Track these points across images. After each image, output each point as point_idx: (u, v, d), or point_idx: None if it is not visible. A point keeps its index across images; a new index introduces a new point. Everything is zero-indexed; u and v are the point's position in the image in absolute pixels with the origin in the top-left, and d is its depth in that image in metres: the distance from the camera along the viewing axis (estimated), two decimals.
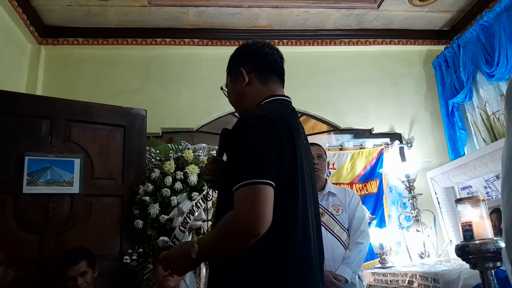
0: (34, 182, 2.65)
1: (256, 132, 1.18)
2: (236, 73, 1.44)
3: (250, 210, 1.09)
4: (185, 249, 1.23)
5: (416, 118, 3.99)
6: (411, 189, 3.40)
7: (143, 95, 3.76)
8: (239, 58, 1.47)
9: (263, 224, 1.09)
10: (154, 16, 3.76)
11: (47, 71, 3.80)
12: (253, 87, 1.42)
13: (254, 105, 1.38)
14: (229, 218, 1.13)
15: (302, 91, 3.93)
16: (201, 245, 1.18)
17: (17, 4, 3.31)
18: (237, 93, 1.45)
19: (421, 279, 2.43)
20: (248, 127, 1.20)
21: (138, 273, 2.69)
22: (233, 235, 1.12)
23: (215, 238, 1.17)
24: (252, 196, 1.10)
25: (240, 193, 1.12)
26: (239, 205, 1.11)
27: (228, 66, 1.52)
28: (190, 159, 2.95)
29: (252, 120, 1.21)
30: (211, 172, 1.42)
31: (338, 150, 3.75)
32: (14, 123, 2.72)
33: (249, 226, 1.09)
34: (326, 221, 2.48)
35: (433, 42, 4.22)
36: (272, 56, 1.46)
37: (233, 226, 1.12)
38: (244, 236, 1.11)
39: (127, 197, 2.92)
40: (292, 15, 3.87)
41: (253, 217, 1.09)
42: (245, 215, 1.09)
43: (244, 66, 1.43)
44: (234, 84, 1.46)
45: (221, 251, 1.17)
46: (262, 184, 1.12)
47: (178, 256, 1.26)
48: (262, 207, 1.09)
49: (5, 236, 2.52)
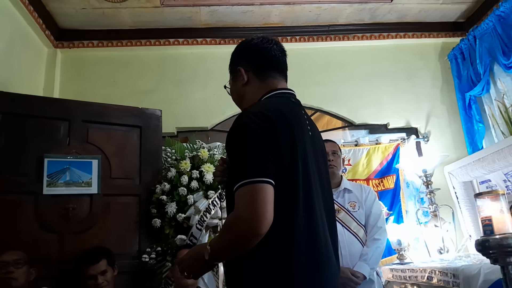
0: (53, 183, 2.71)
1: (251, 131, 1.16)
2: (236, 72, 1.43)
3: (249, 210, 1.08)
4: (199, 251, 1.23)
5: (433, 112, 3.93)
6: (428, 184, 3.36)
7: (157, 95, 3.79)
8: (238, 57, 1.46)
9: (263, 224, 1.07)
10: (166, 16, 3.79)
11: (64, 73, 3.86)
12: (252, 85, 1.40)
13: (253, 103, 1.36)
14: (230, 219, 1.14)
15: (316, 87, 3.91)
16: (212, 246, 1.18)
17: (33, 9, 3.37)
18: (237, 92, 1.44)
19: (441, 275, 2.40)
20: (243, 126, 1.19)
21: (156, 271, 2.72)
22: (235, 236, 1.11)
23: (221, 240, 1.17)
24: (251, 196, 1.09)
25: (239, 194, 1.11)
26: (238, 205, 1.10)
27: (229, 65, 1.50)
28: (205, 158, 2.97)
29: (247, 118, 1.19)
30: (221, 173, 1.41)
31: (353, 146, 3.73)
32: (33, 125, 2.78)
33: (249, 227, 1.07)
34: (342, 218, 2.47)
35: (449, 35, 4.16)
36: (271, 52, 1.42)
37: (234, 227, 1.11)
38: (245, 236, 1.09)
39: (144, 196, 2.96)
40: (304, 11, 3.85)
41: (253, 217, 1.07)
42: (244, 216, 1.08)
43: (243, 65, 1.41)
44: (235, 83, 1.45)
45: (228, 252, 1.17)
46: (260, 183, 1.09)
47: (192, 259, 1.27)
48: (261, 206, 1.07)
49: (26, 236, 2.58)
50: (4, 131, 2.68)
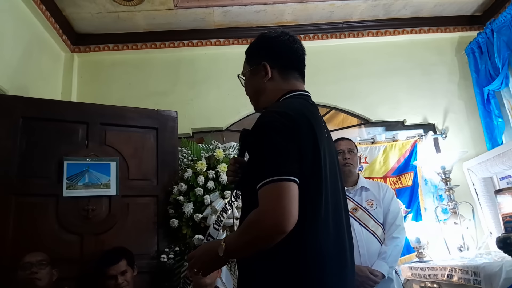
0: (73, 186, 2.76)
1: (277, 130, 1.17)
2: (257, 65, 1.39)
3: (275, 207, 1.08)
4: (211, 247, 1.23)
5: (450, 108, 3.87)
6: (447, 180, 3.31)
7: (173, 96, 3.83)
8: (262, 50, 1.42)
9: (290, 221, 1.07)
10: (180, 18, 3.81)
11: (81, 77, 3.93)
12: (274, 82, 1.38)
13: (273, 101, 1.36)
14: (254, 216, 1.12)
15: (330, 85, 3.89)
16: (227, 243, 1.18)
17: (49, 15, 3.43)
18: (256, 86, 1.41)
19: (461, 273, 2.37)
20: (268, 124, 1.19)
21: (175, 271, 2.75)
22: (259, 233, 1.11)
23: (241, 236, 1.17)
24: (277, 193, 1.09)
25: (265, 191, 1.11)
26: (264, 202, 1.10)
27: (248, 55, 1.47)
28: (221, 158, 2.99)
29: (272, 118, 1.20)
30: (233, 172, 1.42)
31: (370, 144, 3.69)
32: (53, 129, 2.84)
33: (276, 223, 1.07)
34: (360, 216, 2.45)
35: (465, 28, 4.08)
36: (298, 52, 1.43)
37: (259, 224, 1.11)
38: (270, 233, 1.09)
39: (162, 197, 2.99)
40: (317, 9, 3.83)
41: (279, 214, 1.07)
42: (271, 212, 1.08)
43: (268, 61, 1.39)
44: (254, 76, 1.42)
45: (247, 249, 1.17)
46: (286, 181, 1.10)
47: (204, 255, 1.26)
48: (288, 203, 1.08)
49: (48, 238, 2.64)
50: (25, 135, 2.74)
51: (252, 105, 1.49)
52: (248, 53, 1.47)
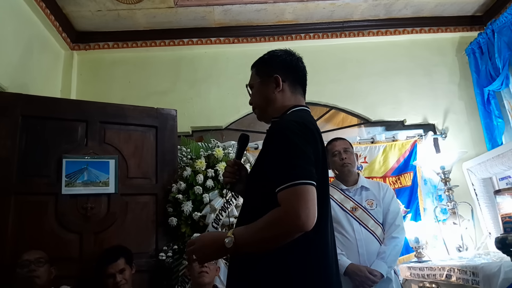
0: (72, 183, 2.76)
1: (298, 136, 1.25)
2: (269, 77, 1.48)
3: (300, 208, 1.15)
4: (217, 238, 1.27)
5: (451, 108, 3.87)
6: (446, 181, 3.31)
7: (173, 95, 3.83)
8: (274, 64, 1.51)
9: (313, 221, 1.16)
10: (180, 17, 3.81)
11: (80, 75, 3.93)
12: (283, 95, 1.48)
13: (280, 112, 1.46)
14: (278, 216, 1.17)
15: (331, 84, 3.89)
16: (238, 236, 1.22)
17: (49, 12, 3.43)
18: (266, 96, 1.49)
19: (460, 273, 2.37)
20: (290, 130, 1.27)
21: (173, 270, 2.75)
22: (282, 231, 1.17)
23: (260, 233, 1.20)
24: (302, 195, 1.17)
25: (288, 193, 1.17)
26: (289, 203, 1.16)
27: (258, 67, 1.55)
28: (220, 157, 2.99)
29: (292, 125, 1.29)
30: (231, 174, 1.49)
31: (369, 143, 3.69)
32: (52, 127, 2.83)
33: (300, 224, 1.14)
34: (360, 215, 2.45)
35: (466, 29, 4.08)
36: (303, 71, 1.56)
37: (283, 223, 1.16)
38: (293, 233, 1.17)
39: (161, 196, 2.99)
40: (318, 8, 3.83)
41: (305, 215, 1.14)
42: (297, 213, 1.14)
43: (279, 74, 1.48)
44: (264, 86, 1.50)
45: (264, 245, 1.21)
46: (308, 185, 1.18)
47: (207, 245, 1.30)
48: (311, 205, 1.17)
49: (48, 236, 2.64)
50: (24, 133, 2.74)
51: (256, 113, 1.56)
52: (258, 65, 1.56)
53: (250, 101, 1.56)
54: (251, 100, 1.56)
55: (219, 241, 1.24)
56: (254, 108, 1.56)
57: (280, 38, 4.03)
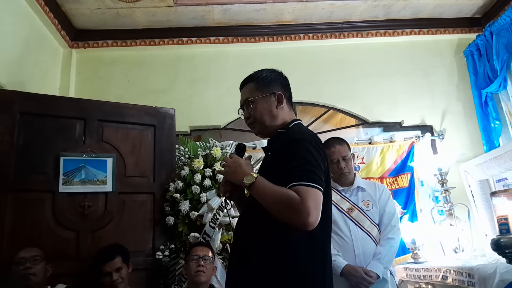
0: (69, 182, 2.75)
1: (314, 146, 1.40)
2: (270, 94, 1.59)
3: (313, 208, 1.28)
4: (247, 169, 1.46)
5: (448, 109, 3.88)
6: (443, 182, 3.32)
7: (171, 94, 3.83)
8: (273, 81, 1.62)
9: (316, 223, 1.29)
10: (180, 15, 3.81)
11: (79, 73, 3.92)
12: (284, 110, 1.61)
13: (280, 126, 1.58)
14: (295, 199, 1.28)
15: (329, 85, 3.90)
16: (259, 183, 1.38)
17: (48, 10, 3.42)
18: (268, 111, 1.59)
19: (456, 274, 2.38)
20: (309, 142, 1.41)
21: (170, 269, 2.75)
22: (289, 213, 1.29)
23: (274, 196, 1.33)
24: (317, 198, 1.31)
25: (308, 190, 1.30)
26: (307, 199, 1.28)
27: (258, 83, 1.62)
28: (218, 156, 2.99)
29: (308, 136, 1.45)
30: (230, 183, 1.56)
31: (367, 144, 3.70)
32: (50, 124, 2.83)
33: (308, 220, 1.27)
34: (356, 216, 2.45)
35: (464, 31, 4.09)
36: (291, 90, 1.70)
37: (295, 209, 1.28)
38: (297, 221, 1.28)
39: (159, 194, 2.99)
40: (317, 9, 3.83)
41: (313, 215, 1.28)
42: (309, 210, 1.27)
43: (280, 91, 1.61)
44: (265, 102, 1.59)
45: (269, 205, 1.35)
46: (320, 191, 1.32)
47: (240, 165, 1.47)
48: (319, 210, 1.31)
49: (45, 234, 2.63)
50: (22, 130, 2.74)
51: (254, 127, 1.63)
52: (259, 81, 1.63)
53: (247, 115, 1.62)
54: (250, 114, 1.60)
55: (245, 171, 1.43)
56: (253, 123, 1.62)
57: (279, 38, 4.03)
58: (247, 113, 1.62)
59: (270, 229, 1.37)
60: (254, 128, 1.64)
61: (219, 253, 2.74)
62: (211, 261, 2.47)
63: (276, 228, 1.35)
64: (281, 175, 1.36)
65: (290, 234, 1.35)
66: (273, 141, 1.60)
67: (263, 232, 1.39)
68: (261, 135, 1.64)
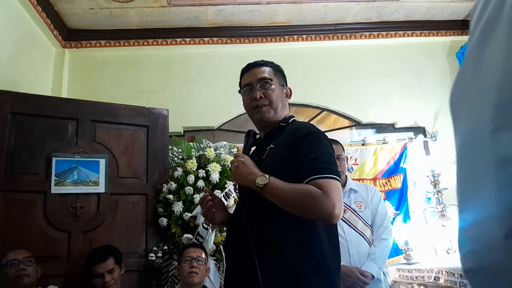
0: (61, 182, 2.73)
1: (327, 140, 1.42)
2: (284, 86, 1.62)
3: (337, 200, 1.26)
4: (255, 170, 1.38)
5: (441, 111, 3.90)
6: (436, 183, 3.34)
7: (164, 94, 3.81)
8: (285, 77, 1.66)
9: (339, 216, 1.28)
10: (173, 16, 3.80)
11: (71, 73, 3.89)
12: (286, 105, 1.62)
13: (283, 118, 1.56)
14: (317, 193, 1.25)
15: (323, 86, 3.91)
16: (272, 184, 1.31)
17: (41, 9, 3.40)
18: (282, 99, 1.58)
19: (448, 275, 2.39)
20: (324, 135, 1.43)
21: (163, 270, 2.74)
22: (312, 207, 1.26)
23: (291, 193, 1.29)
24: (339, 191, 1.30)
25: (330, 183, 1.28)
26: (330, 191, 1.26)
27: (277, 72, 1.62)
28: (211, 157, 2.98)
29: (319, 131, 1.44)
30: (209, 209, 1.54)
31: (360, 145, 3.71)
32: (42, 125, 2.81)
33: (333, 212, 1.25)
34: (348, 217, 2.46)
35: (457, 33, 4.13)
36: None
37: (318, 202, 1.25)
38: (322, 215, 1.27)
39: (151, 195, 2.97)
40: (311, 10, 3.84)
41: (338, 207, 1.26)
42: (334, 202, 1.25)
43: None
44: (281, 90, 1.59)
45: (286, 204, 1.30)
46: (340, 181, 1.32)
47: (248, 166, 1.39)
48: (342, 202, 1.30)
49: (36, 234, 2.61)
50: (14, 130, 2.71)
51: (263, 111, 1.52)
52: (277, 68, 1.64)
53: (261, 95, 1.51)
54: (265, 94, 1.52)
55: (256, 173, 1.36)
56: (265, 105, 1.51)
57: (273, 39, 4.03)
58: (260, 93, 1.51)
59: (280, 226, 1.32)
60: (261, 112, 1.52)
61: (212, 255, 2.73)
62: (204, 262, 2.46)
63: (286, 225, 1.31)
64: (296, 169, 1.33)
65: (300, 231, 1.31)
66: (274, 134, 1.52)
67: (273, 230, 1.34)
68: (265, 122, 1.54)
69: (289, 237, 1.31)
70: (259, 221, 1.36)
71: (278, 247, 1.30)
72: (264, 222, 1.35)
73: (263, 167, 1.41)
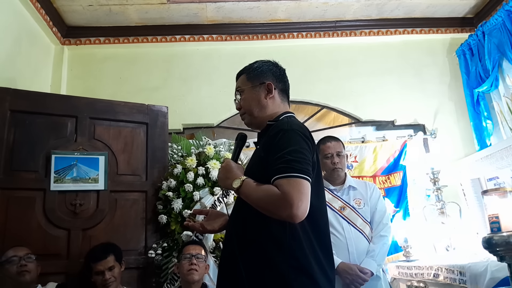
0: (61, 180, 2.73)
1: (302, 137, 1.36)
2: (261, 84, 1.56)
3: (295, 198, 1.22)
4: (235, 173, 1.42)
5: (440, 109, 3.90)
6: (435, 181, 3.34)
7: (164, 92, 3.81)
8: (265, 72, 1.60)
9: (303, 213, 1.24)
10: (173, 13, 3.79)
11: (71, 70, 3.89)
12: (273, 101, 1.57)
13: (270, 118, 1.54)
14: (276, 194, 1.25)
15: (322, 83, 3.90)
16: (246, 186, 1.35)
17: (40, 6, 3.39)
18: (257, 101, 1.56)
19: (447, 272, 2.39)
20: (295, 131, 1.37)
21: (163, 267, 2.74)
22: (273, 208, 1.26)
23: (259, 195, 1.31)
24: (299, 187, 1.25)
25: (287, 182, 1.25)
26: (287, 190, 1.23)
27: (249, 73, 1.61)
28: (211, 155, 2.98)
29: (297, 127, 1.40)
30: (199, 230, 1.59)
31: (360, 143, 3.71)
32: (41, 122, 2.80)
33: (292, 211, 1.22)
34: (348, 214, 2.46)
35: (457, 30, 4.12)
36: (288, 82, 1.66)
37: (278, 203, 1.25)
38: (283, 215, 1.24)
39: (151, 193, 2.97)
40: (311, 7, 3.83)
41: (296, 204, 1.22)
42: (291, 200, 1.22)
43: (272, 81, 1.57)
44: (255, 92, 1.57)
45: (257, 205, 1.32)
46: (305, 180, 1.26)
47: (228, 171, 1.44)
48: (305, 198, 1.25)
49: (35, 232, 2.61)
50: (13, 128, 2.71)
51: (244, 119, 1.61)
52: (249, 71, 1.62)
53: (238, 106, 1.60)
54: (240, 105, 1.59)
55: (235, 176, 1.40)
56: (243, 113, 1.60)
57: (273, 36, 4.02)
58: (238, 104, 1.61)
59: (258, 227, 1.35)
60: (244, 119, 1.62)
61: (212, 252, 2.73)
62: (203, 259, 2.46)
63: (264, 225, 1.33)
64: (268, 168, 1.34)
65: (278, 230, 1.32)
66: (262, 134, 1.56)
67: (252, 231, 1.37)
68: (251, 126, 1.62)
69: (267, 237, 1.33)
70: (241, 222, 1.43)
71: (258, 247, 1.34)
72: (246, 223, 1.41)
73: (247, 169, 1.49)
